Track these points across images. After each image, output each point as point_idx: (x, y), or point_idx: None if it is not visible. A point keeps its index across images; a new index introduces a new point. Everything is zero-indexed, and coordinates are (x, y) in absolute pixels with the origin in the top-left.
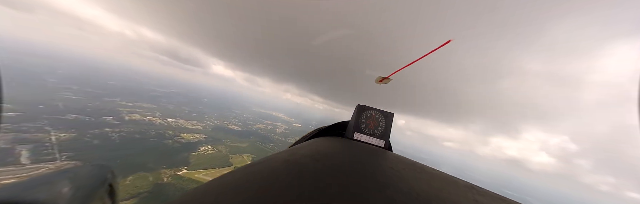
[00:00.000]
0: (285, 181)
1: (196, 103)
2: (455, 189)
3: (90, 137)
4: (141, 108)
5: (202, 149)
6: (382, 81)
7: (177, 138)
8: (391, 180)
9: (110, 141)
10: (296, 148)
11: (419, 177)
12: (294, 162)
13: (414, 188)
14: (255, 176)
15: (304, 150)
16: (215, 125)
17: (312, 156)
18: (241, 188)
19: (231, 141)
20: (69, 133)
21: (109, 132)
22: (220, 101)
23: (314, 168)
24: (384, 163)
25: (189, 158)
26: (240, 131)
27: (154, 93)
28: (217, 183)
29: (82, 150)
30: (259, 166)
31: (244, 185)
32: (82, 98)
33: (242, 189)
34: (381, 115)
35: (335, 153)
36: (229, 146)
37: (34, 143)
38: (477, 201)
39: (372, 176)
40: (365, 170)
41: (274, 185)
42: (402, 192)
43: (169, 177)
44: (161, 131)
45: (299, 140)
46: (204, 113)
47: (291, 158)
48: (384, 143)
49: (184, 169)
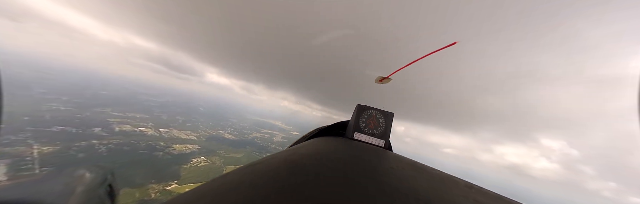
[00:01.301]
0: (285, 181)
1: (191, 113)
2: (456, 189)
3: (76, 150)
4: (133, 118)
5: (195, 161)
6: (382, 81)
7: (169, 149)
8: (391, 180)
9: (97, 154)
10: (296, 147)
11: (419, 177)
12: (294, 162)
13: (414, 188)
14: (255, 176)
15: (304, 149)
16: (210, 135)
17: (312, 156)
18: (241, 188)
19: (226, 151)
20: (53, 146)
21: (96, 144)
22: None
23: (314, 168)
24: (384, 162)
25: (180, 171)
26: (236, 141)
27: (148, 102)
28: (217, 183)
29: (65, 164)
30: (259, 166)
31: (244, 185)
32: (71, 109)
33: (242, 189)
34: (381, 115)
35: (335, 153)
36: (223, 157)
37: (13, 158)
38: (477, 200)
39: (372, 175)
40: (365, 169)
41: (274, 185)
42: (402, 192)
43: (157, 192)
44: (152, 142)
45: (299, 139)
46: (199, 123)
47: (291, 158)
48: (384, 143)
49: (174, 183)
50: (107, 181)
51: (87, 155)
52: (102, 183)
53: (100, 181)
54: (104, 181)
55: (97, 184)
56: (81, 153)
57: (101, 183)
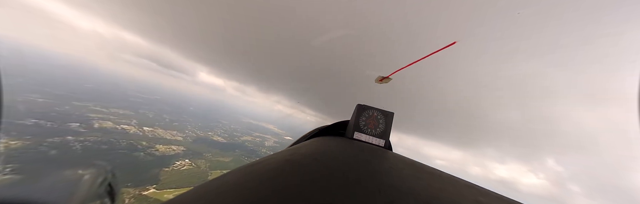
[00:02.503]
0: (285, 181)
1: (180, 112)
2: (456, 188)
3: (47, 146)
4: (116, 115)
5: (178, 164)
6: (382, 80)
7: (151, 150)
8: (391, 180)
9: (71, 151)
10: (296, 147)
11: (419, 176)
12: (294, 162)
13: (414, 188)
14: (255, 176)
15: (304, 149)
16: (198, 136)
17: (312, 156)
18: (241, 188)
19: (213, 155)
20: (23, 140)
21: (71, 141)
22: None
23: (314, 168)
24: (384, 162)
25: (160, 175)
26: (225, 144)
27: (135, 99)
28: (217, 183)
29: (33, 161)
30: (259, 166)
31: (244, 185)
32: (49, 101)
33: (242, 190)
34: (381, 115)
35: (335, 153)
36: (209, 160)
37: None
38: (478, 200)
39: (372, 175)
40: (365, 169)
41: (274, 185)
42: (403, 192)
43: (132, 198)
44: (134, 141)
45: (299, 139)
46: (187, 123)
47: (291, 158)
48: (384, 143)
49: (152, 188)
50: (106, 180)
51: (60, 152)
52: (102, 182)
53: (101, 180)
54: (104, 180)
55: (97, 183)
56: (53, 149)
57: (101, 182)
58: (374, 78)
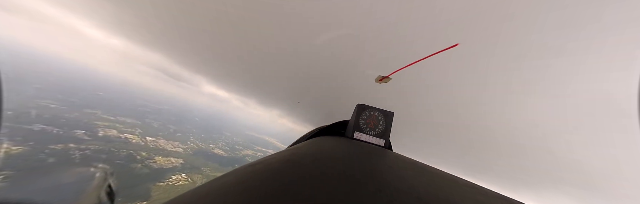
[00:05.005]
0: (285, 181)
1: (185, 122)
2: (456, 188)
3: (48, 153)
4: (123, 123)
5: (174, 178)
6: (382, 80)
7: (149, 161)
8: (392, 179)
9: (69, 160)
10: (296, 147)
11: (419, 176)
12: (294, 162)
13: (415, 187)
14: (255, 176)
15: (304, 149)
16: (199, 149)
17: (313, 156)
18: (241, 188)
19: (211, 169)
20: (25, 146)
21: (72, 149)
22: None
23: (315, 168)
24: (385, 162)
25: (152, 190)
26: (225, 158)
27: (143, 108)
28: (218, 183)
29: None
30: (259, 166)
31: (244, 185)
32: (61, 108)
33: (242, 189)
34: (381, 114)
35: (335, 153)
36: (206, 175)
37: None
38: (478, 200)
39: (372, 175)
40: (365, 169)
41: (274, 185)
42: (403, 191)
43: None
44: (134, 151)
45: (299, 139)
46: (190, 134)
47: (291, 158)
48: (384, 142)
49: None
50: (106, 181)
51: (58, 159)
52: (103, 183)
53: (100, 181)
54: (103, 181)
55: (98, 185)
56: (52, 157)
57: (100, 183)
58: (374, 78)
